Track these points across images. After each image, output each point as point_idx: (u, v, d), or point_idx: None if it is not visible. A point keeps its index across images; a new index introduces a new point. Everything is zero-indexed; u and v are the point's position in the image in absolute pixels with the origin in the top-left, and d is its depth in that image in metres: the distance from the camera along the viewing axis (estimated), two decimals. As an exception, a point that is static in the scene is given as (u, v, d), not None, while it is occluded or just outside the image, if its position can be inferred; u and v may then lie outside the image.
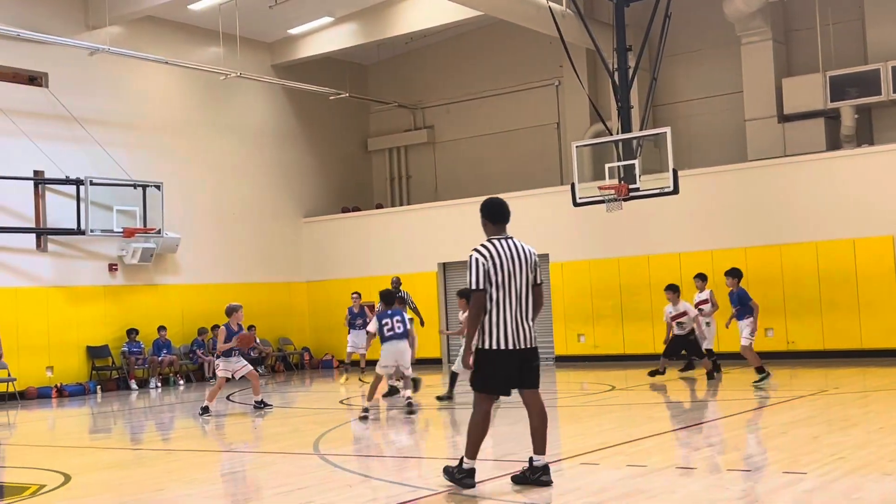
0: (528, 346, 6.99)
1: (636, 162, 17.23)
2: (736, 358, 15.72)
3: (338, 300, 23.53)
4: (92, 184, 19.28)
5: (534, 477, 7.05)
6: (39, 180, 19.23)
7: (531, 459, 7.10)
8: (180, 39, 21.85)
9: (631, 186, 17.04)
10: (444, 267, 22.47)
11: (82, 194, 19.19)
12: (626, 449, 8.87)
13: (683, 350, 15.34)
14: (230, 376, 13.70)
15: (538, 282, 7.09)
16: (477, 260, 6.94)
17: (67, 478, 8.66)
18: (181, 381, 20.54)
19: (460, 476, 7.02)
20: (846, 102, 19.57)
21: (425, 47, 25.53)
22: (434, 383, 16.56)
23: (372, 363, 14.16)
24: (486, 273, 6.90)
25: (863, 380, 14.59)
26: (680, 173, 16.99)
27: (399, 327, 12.24)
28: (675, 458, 8.51)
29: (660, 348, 16.14)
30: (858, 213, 17.92)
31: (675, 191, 16.75)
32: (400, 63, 26.20)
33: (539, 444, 7.09)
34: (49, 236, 19.32)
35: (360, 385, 17.24)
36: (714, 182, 19.46)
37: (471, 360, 7.04)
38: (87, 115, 19.91)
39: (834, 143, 19.95)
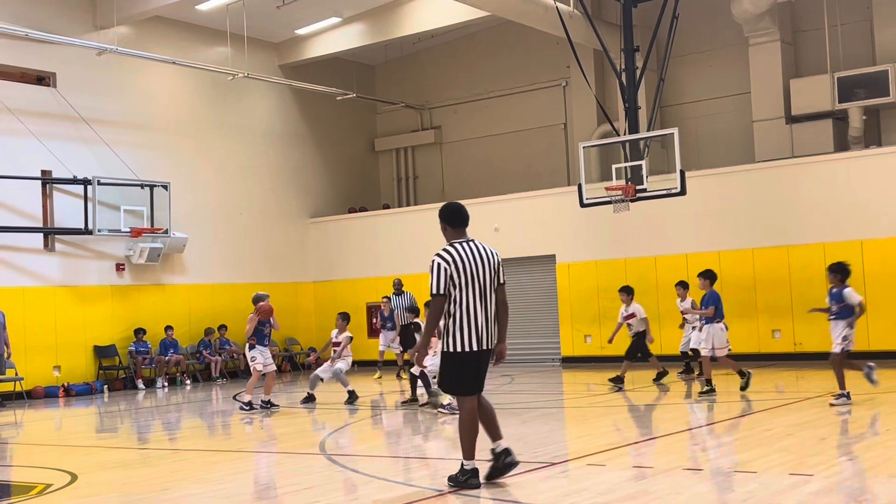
0: (490, 347, 7.13)
1: (643, 163, 17.21)
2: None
3: (344, 300, 23.58)
4: (99, 184, 19.33)
5: (501, 463, 7.17)
6: (47, 180, 19.29)
7: (493, 450, 7.22)
8: (188, 39, 21.89)
9: (638, 187, 17.04)
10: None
11: (90, 194, 19.24)
12: (633, 450, 8.85)
13: (638, 353, 15.04)
14: (261, 368, 13.68)
15: (503, 282, 7.21)
16: (439, 265, 7.03)
17: (74, 477, 8.68)
18: (188, 381, 20.57)
19: (464, 478, 7.08)
20: (854, 104, 19.52)
21: (432, 48, 25.54)
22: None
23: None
24: (449, 277, 7.00)
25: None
26: (687, 174, 16.97)
27: None
28: (682, 459, 8.49)
29: (666, 349, 16.08)
30: (866, 214, 17.87)
31: (683, 192, 16.73)
32: (407, 63, 26.22)
33: (494, 433, 7.22)
34: (56, 236, 19.37)
35: (400, 381, 17.55)
36: (721, 183, 19.42)
37: (424, 360, 7.23)
38: (94, 115, 19.96)
39: (842, 144, 19.90)
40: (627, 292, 15.44)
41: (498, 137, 24.92)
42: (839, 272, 11.65)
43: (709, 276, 13.91)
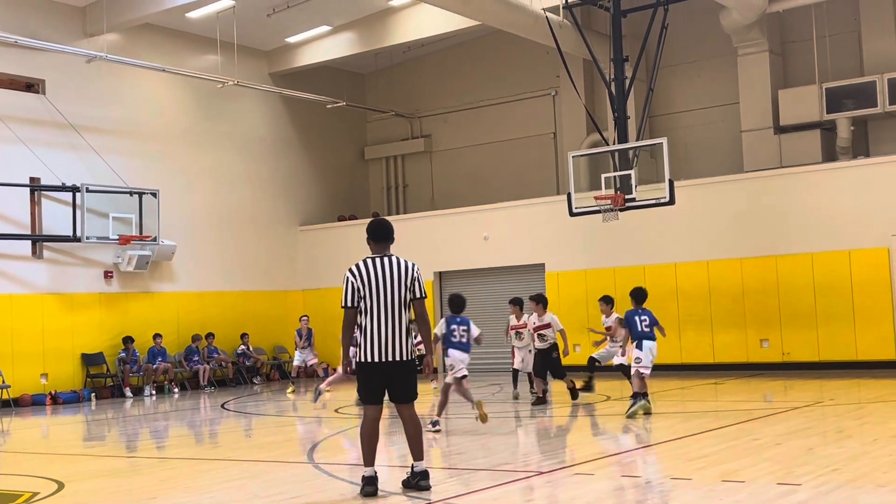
0: (399, 359, 7.26)
1: (632, 172, 17.24)
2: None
3: (334, 309, 23.47)
4: (88, 191, 19.29)
5: (414, 481, 7.38)
6: (36, 187, 19.23)
7: (412, 466, 7.42)
8: (178, 47, 21.87)
9: (627, 197, 17.07)
10: (441, 276, 22.47)
11: (78, 201, 19.20)
12: (621, 459, 8.86)
13: (547, 369, 14.26)
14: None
15: (419, 296, 7.38)
16: (347, 278, 7.34)
17: (61, 485, 8.64)
18: (176, 389, 20.50)
19: (362, 484, 7.31)
20: (842, 114, 19.62)
21: (423, 56, 25.58)
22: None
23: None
24: (356, 290, 7.28)
25: (858, 391, 14.60)
26: (676, 184, 17.03)
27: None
28: (670, 468, 8.51)
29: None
30: (854, 224, 17.95)
31: (672, 201, 16.78)
32: (397, 72, 26.25)
33: (416, 452, 7.40)
34: (44, 243, 19.31)
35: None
36: (710, 193, 19.49)
37: (349, 370, 7.48)
38: (83, 122, 19.91)
39: (830, 154, 20.01)
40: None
41: (488, 146, 24.96)
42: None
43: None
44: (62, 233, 19.29)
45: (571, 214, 17.87)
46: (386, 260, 7.40)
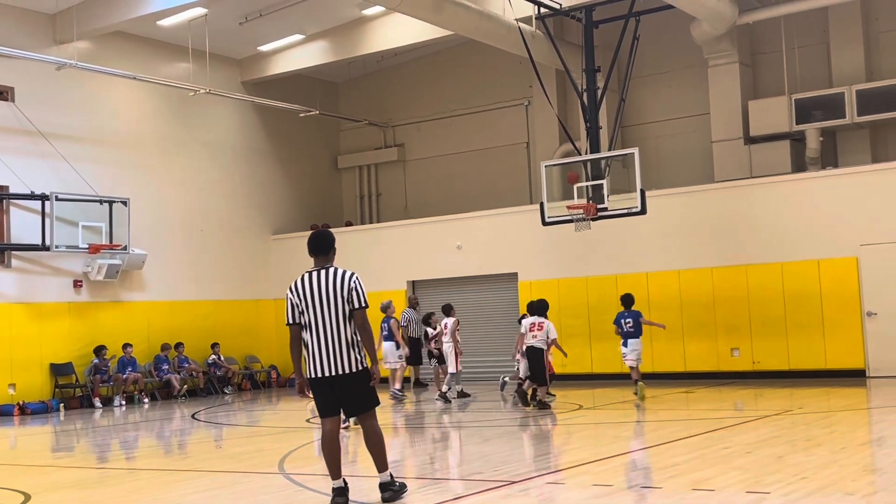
0: (339, 372, 7.23)
1: (604, 182, 17.35)
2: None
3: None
4: (57, 199, 19.12)
5: (382, 497, 7.39)
6: (4, 195, 19.03)
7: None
8: (149, 55, 21.75)
9: (599, 206, 17.18)
10: (414, 285, 22.46)
11: (47, 210, 19.02)
12: (593, 468, 8.88)
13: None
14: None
15: (357, 306, 7.29)
16: (287, 296, 7.41)
17: (27, 497, 8.53)
18: (146, 399, 20.32)
19: (332, 496, 7.30)
20: (811, 125, 19.82)
21: (396, 66, 25.60)
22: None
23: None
24: (294, 306, 7.33)
25: (827, 400, 14.73)
26: (648, 194, 17.15)
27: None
28: (641, 477, 8.53)
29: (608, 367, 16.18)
30: (823, 234, 18.12)
31: (643, 211, 16.89)
32: (370, 81, 26.25)
33: (377, 463, 7.42)
34: (13, 252, 19.11)
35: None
36: (681, 202, 19.62)
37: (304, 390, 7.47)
38: (53, 129, 19.75)
39: (799, 165, 20.20)
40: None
41: (461, 156, 24.99)
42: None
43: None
44: (31, 241, 19.09)
45: (544, 224, 17.96)
46: (323, 273, 7.36)
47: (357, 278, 7.38)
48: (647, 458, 9.59)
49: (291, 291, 7.34)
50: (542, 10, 18.93)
